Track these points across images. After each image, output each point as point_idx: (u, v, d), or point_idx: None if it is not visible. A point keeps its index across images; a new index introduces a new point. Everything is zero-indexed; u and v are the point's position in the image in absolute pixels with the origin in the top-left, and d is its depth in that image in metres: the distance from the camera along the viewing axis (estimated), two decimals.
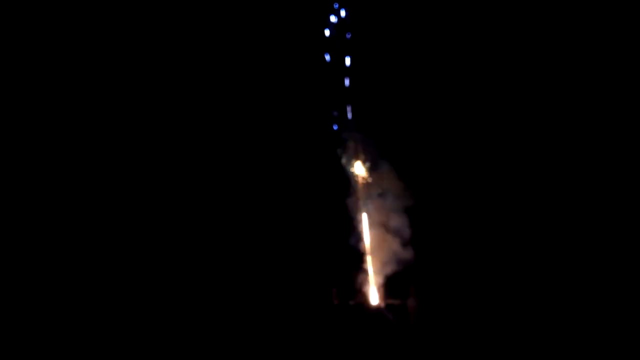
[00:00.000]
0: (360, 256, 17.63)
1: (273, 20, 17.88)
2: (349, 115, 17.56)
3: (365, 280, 17.61)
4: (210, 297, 17.53)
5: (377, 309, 17.48)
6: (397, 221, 17.48)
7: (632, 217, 17.18)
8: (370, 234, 17.66)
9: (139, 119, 17.89)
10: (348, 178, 17.72)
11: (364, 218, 17.69)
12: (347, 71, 17.56)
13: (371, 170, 17.67)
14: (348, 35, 17.47)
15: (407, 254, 17.48)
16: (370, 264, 17.65)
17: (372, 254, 17.62)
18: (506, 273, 17.41)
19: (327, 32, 17.44)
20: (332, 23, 17.48)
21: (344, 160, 17.71)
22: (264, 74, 17.96)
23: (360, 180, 17.67)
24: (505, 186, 17.80)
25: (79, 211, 17.60)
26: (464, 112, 18.03)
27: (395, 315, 17.39)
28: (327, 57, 17.51)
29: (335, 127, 17.68)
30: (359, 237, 17.68)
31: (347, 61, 17.47)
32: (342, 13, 17.45)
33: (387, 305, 17.48)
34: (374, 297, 17.52)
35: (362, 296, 17.57)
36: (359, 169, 17.70)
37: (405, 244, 17.46)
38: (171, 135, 18.05)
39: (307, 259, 17.84)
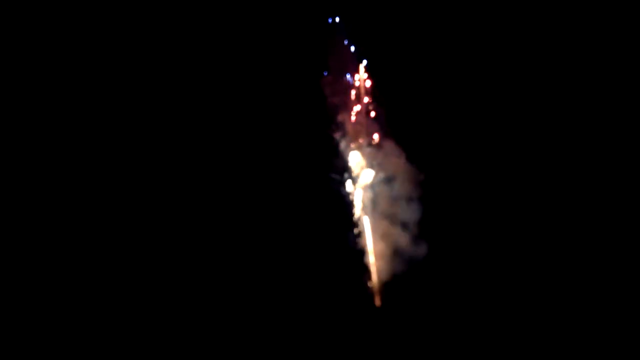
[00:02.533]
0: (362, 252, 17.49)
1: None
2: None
3: (368, 278, 17.43)
4: (213, 289, 17.55)
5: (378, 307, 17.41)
6: (403, 213, 17.35)
7: (632, 217, 17.23)
8: (374, 226, 17.53)
9: (140, 119, 17.88)
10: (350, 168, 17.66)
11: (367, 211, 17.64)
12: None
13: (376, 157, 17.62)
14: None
15: (412, 249, 17.43)
16: (372, 260, 17.49)
17: (375, 249, 17.45)
18: (510, 272, 17.42)
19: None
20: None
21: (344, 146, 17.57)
22: (267, 67, 17.96)
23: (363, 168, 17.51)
24: (510, 184, 17.81)
25: (79, 211, 17.60)
26: (471, 112, 18.03)
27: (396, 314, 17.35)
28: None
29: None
30: (361, 232, 17.61)
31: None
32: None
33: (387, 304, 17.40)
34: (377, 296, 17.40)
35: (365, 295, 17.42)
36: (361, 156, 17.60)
37: (411, 237, 17.34)
38: (171, 134, 18.08)
39: (309, 254, 17.76)
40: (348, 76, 17.63)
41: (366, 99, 17.70)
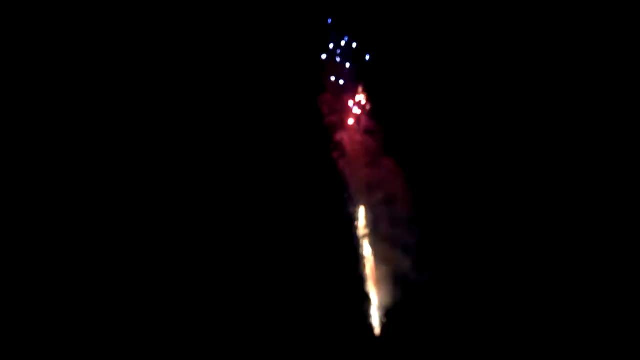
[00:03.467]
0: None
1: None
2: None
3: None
4: (206, 298, 17.57)
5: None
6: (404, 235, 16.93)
7: (632, 217, 17.23)
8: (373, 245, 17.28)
9: (140, 119, 17.92)
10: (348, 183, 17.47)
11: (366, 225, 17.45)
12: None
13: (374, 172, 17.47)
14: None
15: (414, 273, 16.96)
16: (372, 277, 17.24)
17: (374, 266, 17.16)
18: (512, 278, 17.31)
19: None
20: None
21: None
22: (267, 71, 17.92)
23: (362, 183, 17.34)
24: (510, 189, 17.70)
25: (79, 211, 17.63)
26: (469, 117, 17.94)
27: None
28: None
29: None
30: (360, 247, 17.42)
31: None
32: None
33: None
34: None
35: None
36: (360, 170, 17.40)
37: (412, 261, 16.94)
38: (171, 135, 18.10)
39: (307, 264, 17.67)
40: (346, 95, 17.59)
41: (364, 118, 17.63)
